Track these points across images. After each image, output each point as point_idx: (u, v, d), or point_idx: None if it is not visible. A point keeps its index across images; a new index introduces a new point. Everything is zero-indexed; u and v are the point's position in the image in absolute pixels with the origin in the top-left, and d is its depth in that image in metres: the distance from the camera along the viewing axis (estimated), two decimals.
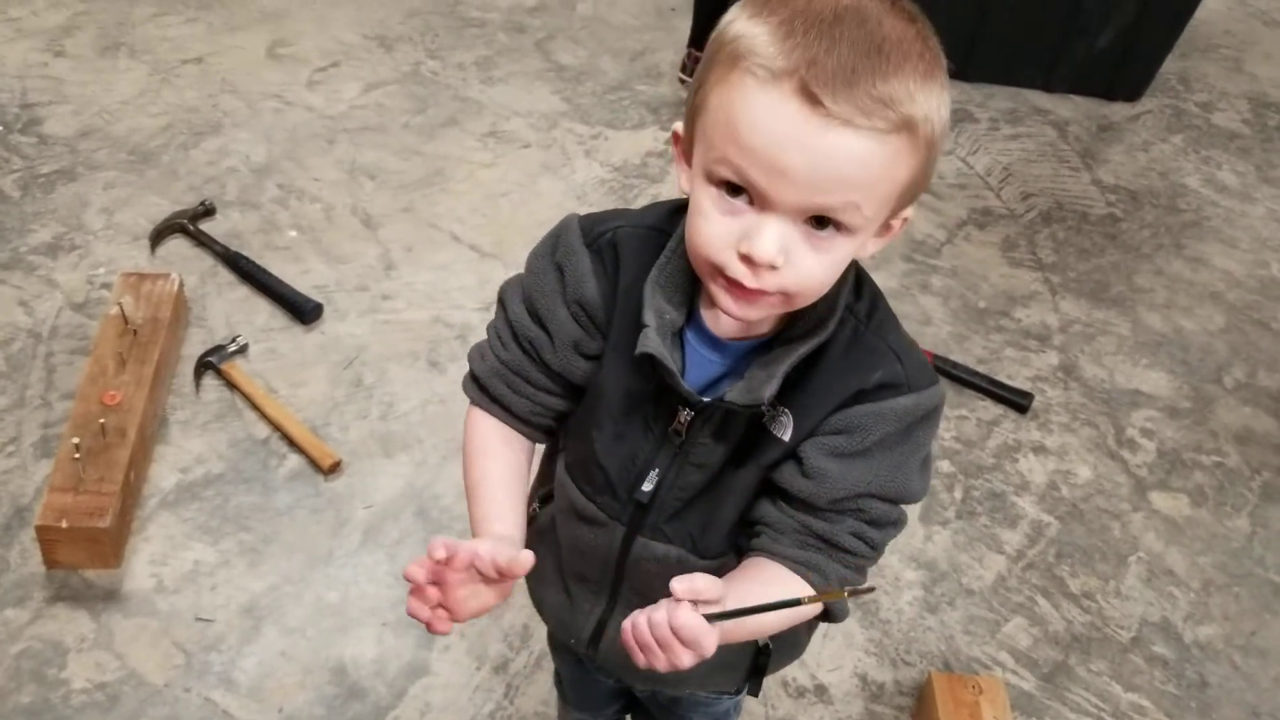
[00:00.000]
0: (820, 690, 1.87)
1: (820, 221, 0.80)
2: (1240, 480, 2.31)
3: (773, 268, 0.80)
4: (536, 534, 1.13)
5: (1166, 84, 3.46)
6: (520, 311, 0.99)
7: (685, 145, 0.88)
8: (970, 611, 2.01)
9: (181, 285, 2.27)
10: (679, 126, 0.89)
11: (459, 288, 2.46)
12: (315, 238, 2.54)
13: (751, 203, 0.80)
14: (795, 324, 0.91)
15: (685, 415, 0.94)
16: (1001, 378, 2.44)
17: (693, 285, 0.92)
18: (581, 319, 0.96)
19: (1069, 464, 2.29)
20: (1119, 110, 3.33)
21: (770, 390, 0.89)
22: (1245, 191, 3.09)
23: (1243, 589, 2.11)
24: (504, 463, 1.03)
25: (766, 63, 0.76)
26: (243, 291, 2.40)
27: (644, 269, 0.93)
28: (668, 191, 2.69)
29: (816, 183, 0.77)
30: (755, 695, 1.18)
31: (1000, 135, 3.17)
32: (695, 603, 0.82)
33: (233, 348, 2.24)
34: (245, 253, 2.44)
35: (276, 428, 2.13)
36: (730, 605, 0.84)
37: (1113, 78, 3.31)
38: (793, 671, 1.88)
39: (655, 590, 0.92)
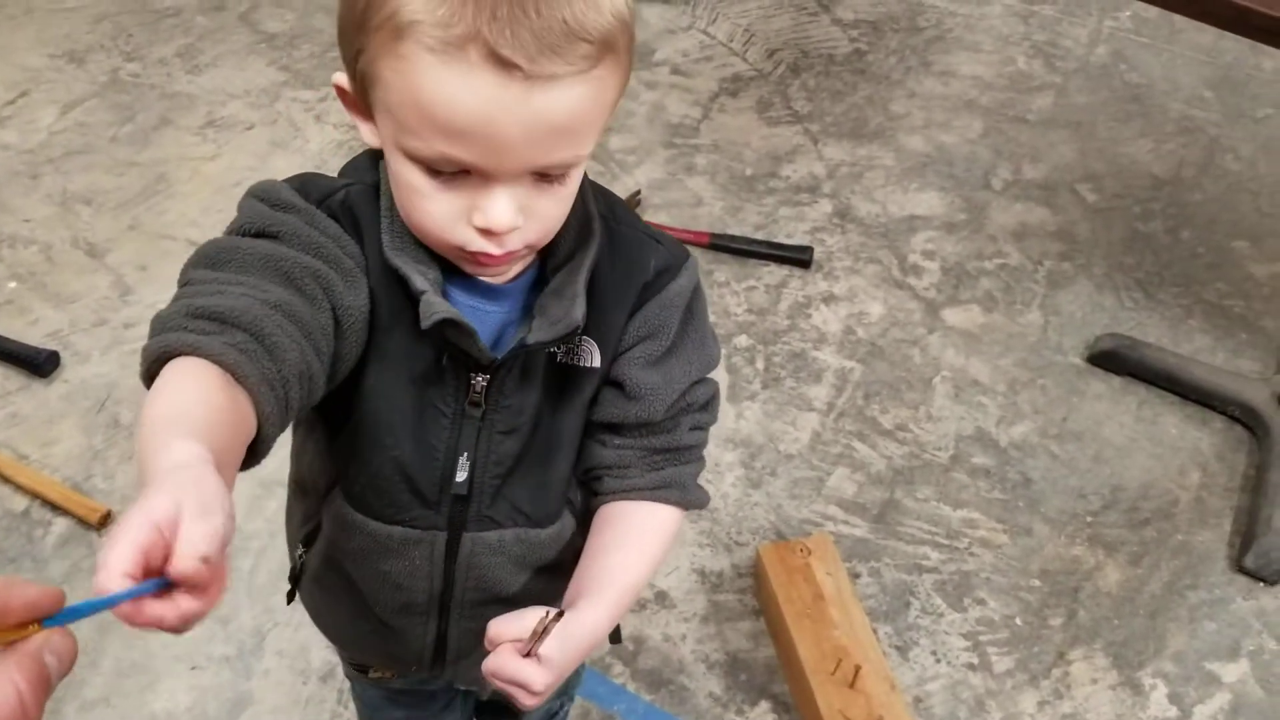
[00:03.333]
0: (661, 597, 1.82)
1: (546, 174, 0.74)
2: (1025, 276, 2.33)
3: (514, 228, 0.75)
4: (312, 583, 1.00)
5: None
6: (277, 248, 0.74)
7: (358, 103, 0.76)
8: (793, 476, 1.98)
9: None
10: (340, 80, 0.77)
11: None
12: (38, 283, 2.34)
13: (468, 172, 0.72)
14: (559, 245, 0.83)
15: (480, 381, 0.83)
16: (780, 238, 2.40)
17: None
18: (345, 273, 0.77)
19: (860, 305, 2.27)
20: None
21: (580, 310, 0.81)
22: None
23: (1047, 379, 2.13)
24: (205, 380, 0.65)
25: (437, 28, 0.66)
26: None
27: (378, 237, 0.81)
28: None
29: (537, 144, 0.71)
30: (618, 642, 1.09)
31: None
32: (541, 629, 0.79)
33: None
34: None
35: (35, 495, 1.96)
36: (610, 572, 0.88)
37: None
38: None
39: (499, 581, 0.90)
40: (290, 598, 1.09)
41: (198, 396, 0.63)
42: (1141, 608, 1.82)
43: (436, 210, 0.74)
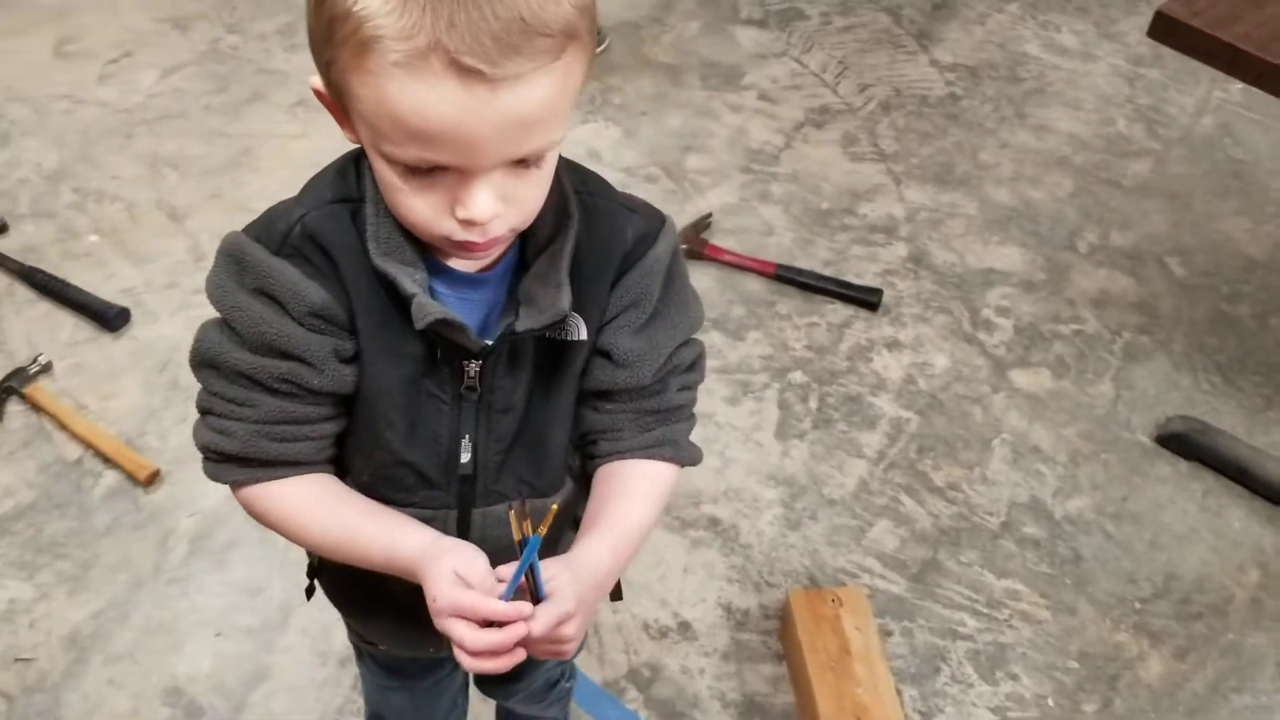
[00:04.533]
0: (684, 627, 1.80)
1: (523, 160, 0.75)
2: (1101, 344, 2.26)
3: (496, 216, 0.76)
4: (332, 571, 1.04)
5: None
6: (250, 358, 0.84)
7: (335, 106, 0.78)
8: (833, 522, 1.94)
9: None
10: (316, 84, 0.78)
11: None
12: (118, 240, 2.39)
13: (447, 170, 0.73)
14: (538, 228, 0.85)
15: (473, 366, 0.87)
16: (850, 277, 2.37)
17: (416, 238, 0.83)
18: (323, 327, 0.84)
19: (925, 355, 2.23)
20: None
21: (566, 298, 0.84)
22: (1087, 50, 3.03)
23: (1111, 455, 2.07)
24: (335, 491, 0.91)
25: (399, 39, 0.67)
26: (44, 307, 2.24)
27: (356, 246, 0.83)
28: None
29: (508, 140, 0.72)
30: (619, 599, 1.13)
31: (833, 29, 3.07)
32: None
33: (35, 368, 2.09)
34: (43, 265, 2.29)
35: (89, 445, 2.00)
36: (613, 516, 0.91)
37: None
38: (654, 612, 1.81)
39: (511, 550, 0.91)
40: (309, 594, 1.11)
41: (339, 488, 0.91)
42: (1181, 704, 1.75)
43: (419, 206, 0.76)
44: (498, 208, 0.75)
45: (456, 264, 0.85)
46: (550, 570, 0.82)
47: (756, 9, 3.13)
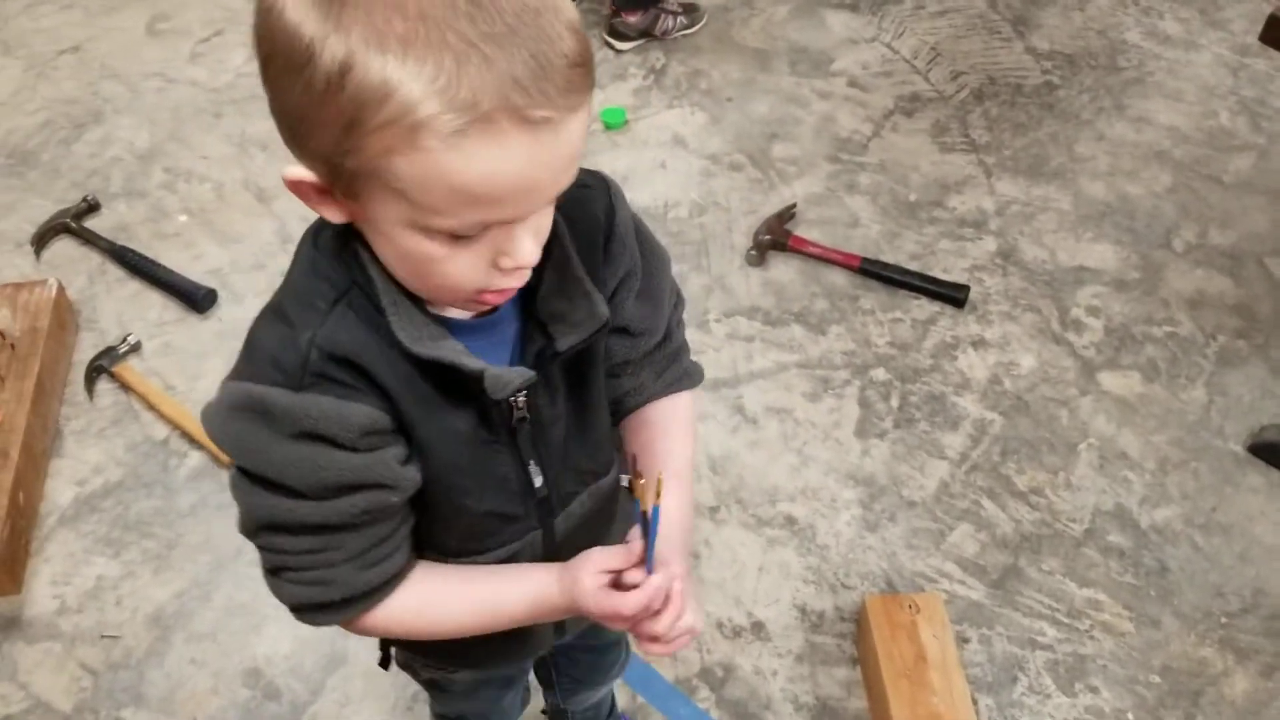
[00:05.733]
0: (757, 627, 1.79)
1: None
2: (1194, 348, 2.19)
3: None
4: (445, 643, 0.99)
5: None
6: (318, 507, 0.79)
7: (327, 192, 0.72)
8: (913, 525, 1.91)
9: (62, 290, 2.17)
10: (296, 174, 0.71)
11: None
12: (207, 220, 2.43)
13: (488, 225, 0.71)
14: None
15: (520, 399, 0.85)
16: (937, 272, 2.32)
17: (424, 307, 0.80)
18: (378, 442, 0.79)
19: (1011, 354, 2.17)
20: None
21: (600, 304, 0.84)
22: (1190, 39, 2.91)
23: (1201, 463, 2.00)
24: (442, 579, 0.90)
25: (464, 114, 0.63)
26: (134, 286, 2.29)
27: (377, 340, 0.77)
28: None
29: (560, 178, 0.72)
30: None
31: (926, 14, 3.00)
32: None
33: (124, 348, 2.14)
34: (133, 245, 2.34)
35: (175, 426, 2.04)
36: (666, 458, 0.95)
37: None
38: (728, 610, 1.80)
39: (592, 538, 0.94)
40: (385, 664, 1.14)
41: (441, 575, 0.91)
42: None
43: (457, 269, 0.72)
44: (539, 249, 0.75)
45: (455, 312, 0.81)
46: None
47: None
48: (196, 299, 2.23)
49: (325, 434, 0.76)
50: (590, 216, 0.88)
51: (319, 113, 0.65)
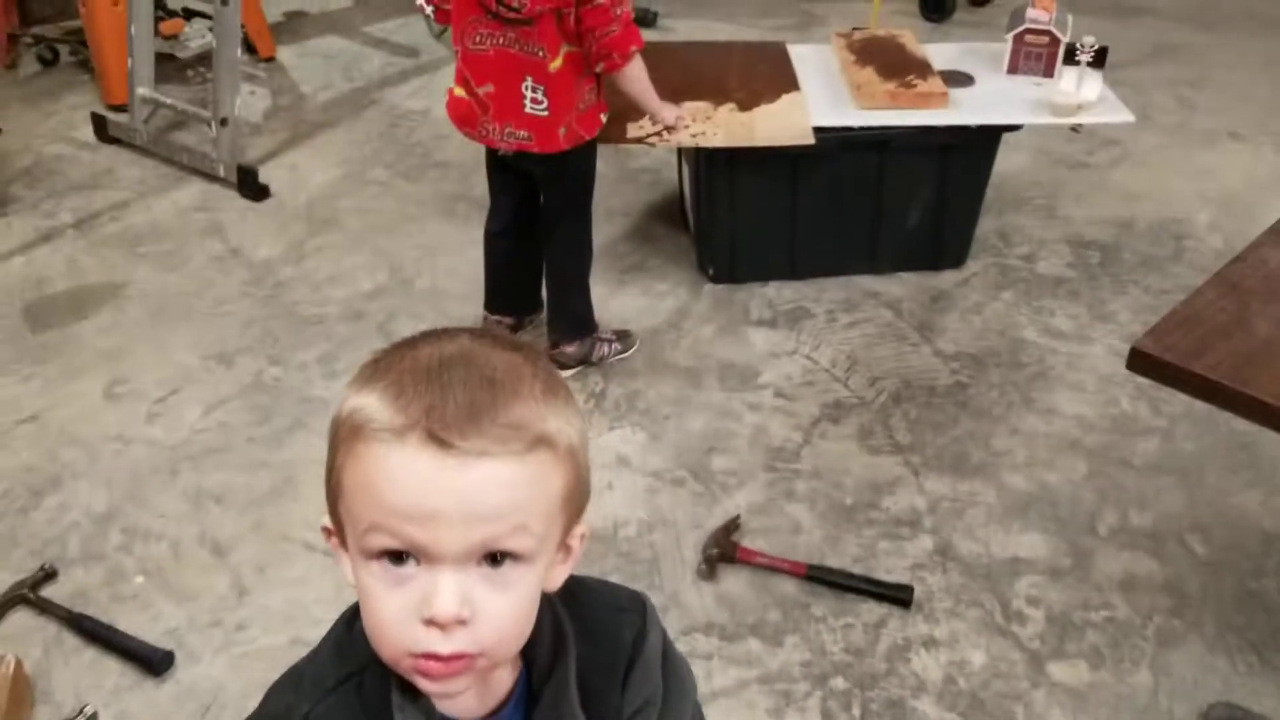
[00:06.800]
0: None
1: (494, 559, 0.78)
2: (1134, 631, 2.27)
3: (461, 622, 0.76)
4: None
5: (988, 243, 3.61)
6: None
7: (338, 534, 0.84)
8: None
9: (19, 665, 2.16)
10: (326, 520, 0.85)
11: (315, 600, 2.38)
12: (163, 579, 2.46)
13: (419, 563, 0.77)
14: (538, 655, 0.88)
15: None
16: (880, 573, 2.41)
17: (431, 702, 0.84)
18: None
19: (961, 652, 2.24)
20: (948, 278, 3.44)
21: None
22: (1081, 333, 3.18)
23: None
24: None
25: (387, 424, 0.76)
26: (91, 653, 2.29)
27: None
28: None
29: (472, 517, 0.75)
30: None
31: (839, 325, 3.25)
32: None
33: None
34: (91, 611, 2.35)
35: None
36: None
37: (933, 250, 3.44)
38: None
39: None
40: None
41: None
42: None
43: (389, 611, 0.77)
44: (462, 610, 0.76)
45: (447, 707, 0.84)
46: None
47: (766, 310, 3.32)
48: (153, 662, 2.23)
49: None
50: (615, 641, 0.93)
51: (330, 449, 0.80)
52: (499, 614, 0.78)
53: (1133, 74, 4.58)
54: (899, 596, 2.34)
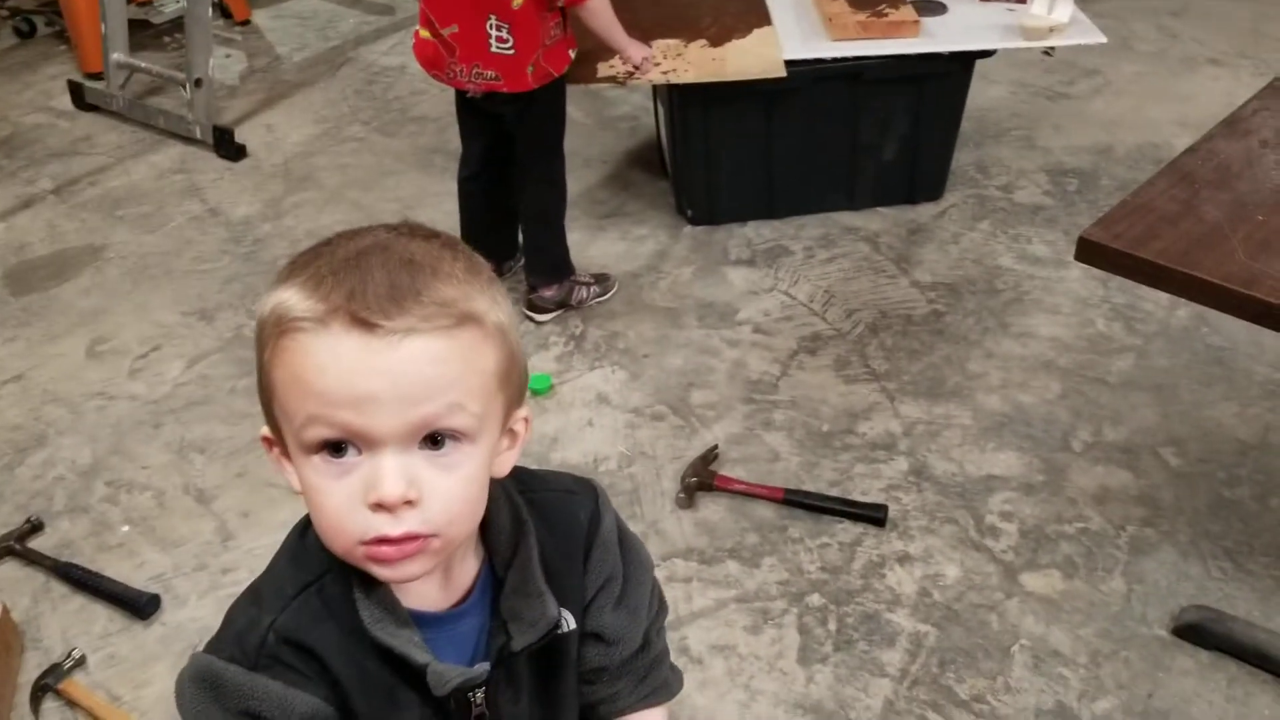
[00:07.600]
0: None
1: (435, 441, 0.78)
2: (1107, 541, 2.30)
3: (408, 502, 0.77)
4: None
5: (966, 175, 3.60)
6: None
7: (277, 441, 0.84)
8: None
9: (7, 613, 2.19)
10: (265, 430, 0.85)
11: None
12: (148, 528, 2.49)
13: (360, 451, 0.77)
14: (499, 542, 0.90)
15: (479, 695, 0.89)
16: (856, 495, 2.43)
17: (393, 595, 0.86)
18: None
19: (936, 566, 2.26)
20: (925, 211, 3.45)
21: (551, 605, 0.89)
22: (1058, 258, 3.18)
23: (1130, 652, 2.07)
24: None
25: (308, 313, 0.75)
26: (79, 601, 2.32)
27: (337, 630, 0.84)
28: None
29: (406, 396, 0.75)
30: None
31: (816, 261, 3.25)
32: None
33: (69, 663, 2.15)
34: (78, 560, 2.38)
35: None
36: None
37: (910, 183, 3.44)
38: None
39: None
40: None
41: None
42: None
43: (337, 502, 0.77)
44: (409, 490, 0.76)
45: (422, 604, 0.86)
46: None
47: (744, 250, 3.33)
48: (139, 606, 2.26)
49: (266, 716, 0.81)
50: (573, 522, 0.96)
51: (258, 348, 0.81)
52: (446, 493, 0.79)
53: (1114, 4, 4.56)
54: (874, 516, 2.36)
